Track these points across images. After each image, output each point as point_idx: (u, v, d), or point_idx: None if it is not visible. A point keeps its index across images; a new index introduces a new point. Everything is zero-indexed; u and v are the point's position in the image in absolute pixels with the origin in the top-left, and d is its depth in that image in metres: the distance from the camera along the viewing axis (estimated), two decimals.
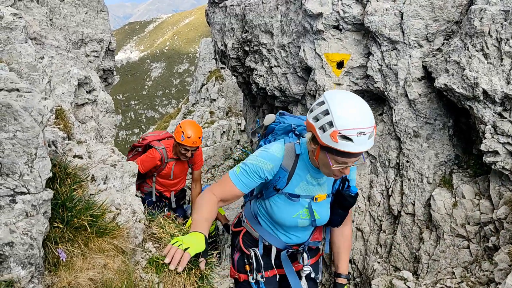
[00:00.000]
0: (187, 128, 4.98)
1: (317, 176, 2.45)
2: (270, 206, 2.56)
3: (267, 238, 2.72)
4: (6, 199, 1.50)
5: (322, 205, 2.57)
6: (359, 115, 2.06)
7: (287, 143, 2.43)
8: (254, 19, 6.58)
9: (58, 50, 3.59)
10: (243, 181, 2.34)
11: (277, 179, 2.41)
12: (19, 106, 1.52)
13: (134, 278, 1.84)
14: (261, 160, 2.34)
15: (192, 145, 4.99)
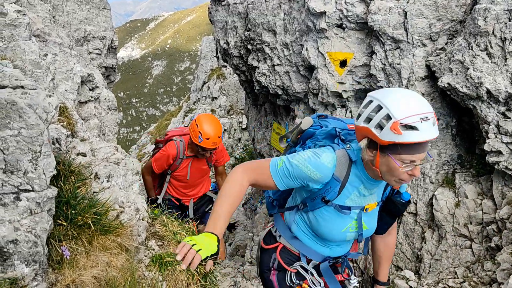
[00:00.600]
0: (205, 127, 4.17)
1: (372, 187, 2.21)
2: (315, 219, 2.29)
3: (306, 253, 2.45)
4: (11, 196, 1.50)
5: (371, 215, 2.34)
6: (416, 101, 1.87)
7: (337, 150, 2.15)
8: (257, 17, 6.57)
9: (61, 47, 3.59)
10: (282, 179, 2.13)
11: (327, 189, 2.16)
12: (23, 103, 1.52)
13: (137, 276, 1.84)
14: (309, 167, 2.08)
15: (211, 146, 4.23)
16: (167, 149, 4.43)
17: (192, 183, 4.77)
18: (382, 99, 1.90)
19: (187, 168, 4.59)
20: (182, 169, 4.57)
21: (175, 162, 4.47)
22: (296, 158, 2.11)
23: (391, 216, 2.39)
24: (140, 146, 26.82)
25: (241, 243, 8.71)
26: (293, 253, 2.48)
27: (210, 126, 4.21)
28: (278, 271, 2.50)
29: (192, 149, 4.49)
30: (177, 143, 4.44)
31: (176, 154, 4.43)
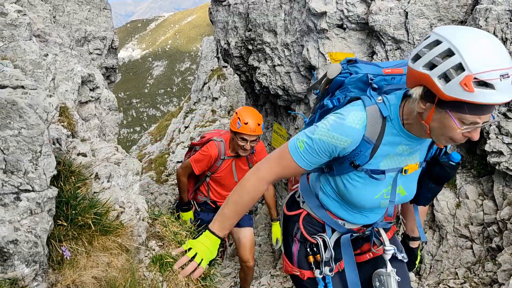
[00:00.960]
0: (244, 114, 4.04)
1: (413, 145, 1.85)
2: (343, 185, 1.96)
3: (331, 224, 2.14)
4: (11, 196, 1.49)
5: (412, 178, 1.98)
6: (499, 51, 1.46)
7: (368, 106, 1.78)
8: (258, 18, 6.57)
9: (61, 47, 3.59)
10: (307, 159, 1.83)
11: (357, 153, 1.82)
12: (24, 103, 1.51)
13: (137, 276, 1.83)
14: (335, 135, 1.75)
15: (250, 133, 3.96)
16: (209, 150, 4.18)
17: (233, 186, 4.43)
18: (456, 42, 1.49)
19: (228, 169, 4.32)
20: (222, 170, 4.31)
21: (215, 163, 4.23)
22: (318, 132, 1.80)
23: (437, 182, 2.02)
24: (141, 147, 26.84)
25: None
26: (318, 221, 2.18)
27: (249, 112, 4.08)
28: (300, 243, 2.22)
29: (233, 148, 4.21)
30: (218, 143, 4.21)
31: (217, 154, 4.19)
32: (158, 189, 16.39)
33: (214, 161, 4.19)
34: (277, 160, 1.90)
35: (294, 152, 1.84)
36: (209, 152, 4.15)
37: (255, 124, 3.98)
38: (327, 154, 1.82)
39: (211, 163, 4.20)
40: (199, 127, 20.92)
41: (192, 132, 20.79)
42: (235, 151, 4.17)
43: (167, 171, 18.31)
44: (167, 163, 19.03)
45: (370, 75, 1.88)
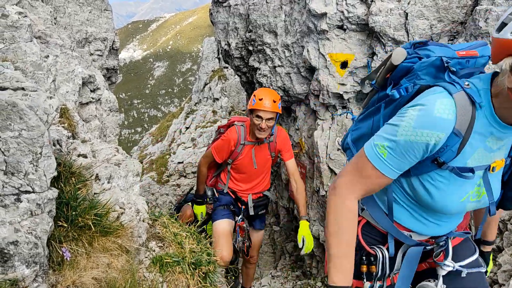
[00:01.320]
0: (259, 91, 3.87)
1: (503, 137, 1.59)
2: (422, 187, 1.68)
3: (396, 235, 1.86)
4: (11, 197, 1.50)
5: (497, 177, 1.72)
6: None
7: (455, 93, 1.52)
8: (258, 19, 6.57)
9: (62, 49, 3.60)
10: (393, 166, 1.58)
11: (443, 148, 1.55)
12: (24, 105, 1.52)
13: (138, 277, 1.84)
14: (424, 132, 1.49)
15: (264, 108, 3.73)
16: (228, 135, 4.01)
17: (253, 175, 4.26)
18: None
19: (248, 156, 4.09)
20: (243, 157, 4.09)
21: (236, 149, 4.01)
22: (401, 133, 1.54)
23: None
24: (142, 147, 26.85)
25: None
26: (379, 230, 1.92)
27: (265, 90, 3.93)
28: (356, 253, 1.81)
29: (253, 133, 3.98)
30: (238, 128, 4.02)
31: (237, 139, 3.99)
32: (159, 190, 16.39)
33: (234, 146, 4.00)
34: (355, 172, 1.64)
35: (376, 161, 1.58)
36: (228, 137, 3.99)
37: (270, 101, 3.76)
38: (417, 156, 1.56)
39: (231, 149, 4.02)
40: (200, 128, 20.93)
41: (193, 132, 20.81)
42: (256, 136, 3.95)
43: (168, 171, 18.31)
44: (168, 164, 19.04)
45: (444, 58, 1.65)
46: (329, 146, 5.67)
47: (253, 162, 4.08)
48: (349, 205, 1.62)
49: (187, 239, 2.30)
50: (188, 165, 17.74)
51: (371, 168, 1.59)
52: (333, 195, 1.65)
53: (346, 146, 2.14)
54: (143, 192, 15.40)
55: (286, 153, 4.20)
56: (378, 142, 1.59)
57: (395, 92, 1.72)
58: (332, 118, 5.89)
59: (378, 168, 1.58)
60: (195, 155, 18.14)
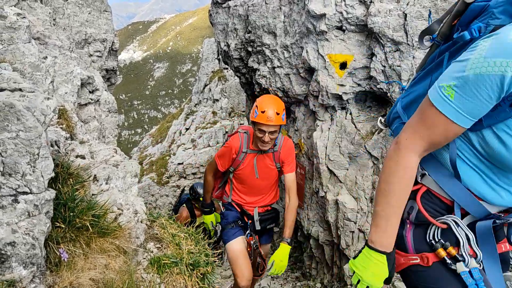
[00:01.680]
0: (262, 102, 3.63)
1: None
2: (497, 139, 1.35)
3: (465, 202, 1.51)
4: (9, 198, 1.50)
5: None
6: None
7: None
8: (257, 20, 6.58)
9: (61, 50, 3.60)
10: (463, 110, 1.31)
11: None
12: (22, 106, 1.52)
13: (135, 278, 1.84)
14: (497, 61, 1.22)
15: (267, 122, 3.52)
16: (231, 142, 3.86)
17: (257, 186, 4.02)
18: None
19: (250, 165, 3.88)
20: (245, 166, 3.88)
21: (238, 157, 3.84)
22: (470, 66, 1.28)
23: None
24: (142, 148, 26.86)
25: None
26: (443, 200, 1.57)
27: (269, 100, 3.64)
28: (415, 225, 1.62)
29: (255, 141, 3.80)
30: (241, 135, 3.85)
31: (239, 146, 3.80)
32: (159, 191, 16.40)
33: (236, 154, 3.82)
34: (418, 123, 1.42)
35: (442, 104, 1.33)
36: (231, 144, 3.82)
37: (273, 113, 3.52)
38: (491, 95, 1.27)
39: (233, 157, 3.84)
40: (200, 129, 20.94)
41: (193, 133, 20.81)
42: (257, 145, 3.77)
43: (168, 173, 18.32)
44: (168, 165, 19.04)
45: None
46: (328, 147, 5.67)
47: (254, 171, 3.88)
48: (406, 162, 1.43)
49: (185, 240, 2.30)
50: (188, 166, 17.74)
51: (436, 114, 1.35)
52: (392, 151, 1.48)
53: (394, 116, 1.87)
54: (143, 193, 15.41)
55: (287, 166, 3.95)
56: (444, 83, 1.34)
57: (466, 33, 1.44)
58: (332, 119, 5.89)
59: (444, 113, 1.33)
60: (195, 156, 18.15)
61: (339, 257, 6.14)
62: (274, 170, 3.95)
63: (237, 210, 4.04)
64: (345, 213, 5.72)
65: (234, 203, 4.04)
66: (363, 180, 5.62)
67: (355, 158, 5.63)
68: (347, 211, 5.69)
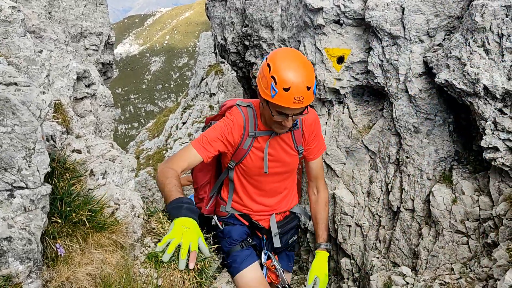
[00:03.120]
0: (282, 71, 2.21)
1: None
2: None
3: None
4: (4, 193, 1.49)
5: None
6: None
7: None
8: (254, 13, 6.55)
9: (57, 43, 3.57)
10: None
11: None
12: (17, 100, 1.51)
13: (132, 273, 1.83)
14: None
15: (293, 105, 2.24)
16: (233, 117, 2.52)
17: (271, 184, 2.72)
18: None
19: (262, 154, 2.56)
20: (254, 157, 2.57)
21: (242, 144, 2.51)
22: None
23: None
24: (138, 143, 26.81)
25: None
26: None
27: (291, 65, 2.22)
28: None
29: (264, 118, 2.52)
30: (243, 110, 2.54)
31: (243, 127, 2.50)
32: (155, 185, 16.39)
33: (240, 138, 2.50)
34: None
35: None
36: (234, 121, 2.50)
37: (303, 89, 2.19)
38: None
39: (233, 142, 2.52)
40: (196, 123, 20.90)
41: (190, 128, 20.78)
42: (268, 123, 2.51)
43: None
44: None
45: None
46: (325, 141, 5.67)
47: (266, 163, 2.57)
48: None
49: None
50: None
51: None
52: None
53: None
54: (140, 188, 15.39)
55: (314, 147, 2.73)
56: None
57: None
58: (329, 114, 5.88)
59: None
60: None
61: (336, 251, 6.15)
62: (294, 157, 2.67)
63: (242, 223, 2.77)
64: (342, 207, 5.73)
65: (238, 214, 2.77)
66: (360, 175, 5.62)
67: (352, 153, 5.64)
68: (344, 205, 5.71)
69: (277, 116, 2.33)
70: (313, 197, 2.90)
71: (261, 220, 2.79)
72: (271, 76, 2.23)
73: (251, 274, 2.60)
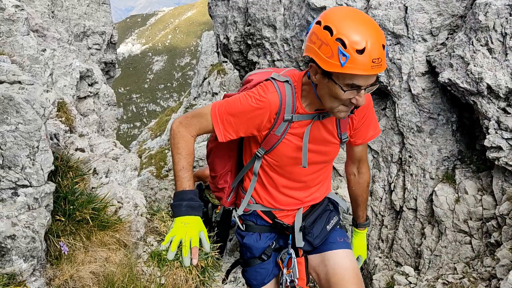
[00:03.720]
0: (350, 27, 1.72)
1: None
2: None
3: None
4: (8, 192, 1.49)
5: None
6: None
7: None
8: (257, 12, 6.54)
9: (60, 42, 3.58)
10: None
11: None
12: (21, 98, 1.51)
13: (135, 271, 1.84)
14: None
15: (371, 70, 1.71)
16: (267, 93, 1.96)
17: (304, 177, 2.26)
18: None
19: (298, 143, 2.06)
20: (288, 146, 2.07)
21: (274, 129, 2.01)
22: None
23: None
24: (141, 142, 26.83)
25: None
26: None
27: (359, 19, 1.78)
28: None
29: (311, 99, 1.99)
30: (280, 87, 2.00)
31: (278, 108, 1.98)
32: (158, 185, 16.40)
33: (271, 122, 2.00)
34: None
35: None
36: (267, 101, 1.95)
37: (379, 47, 1.74)
38: None
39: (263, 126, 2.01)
40: None
41: None
42: (315, 105, 2.00)
43: (167, 166, 18.30)
44: (167, 159, 19.02)
45: None
46: None
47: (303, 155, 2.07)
48: None
49: None
50: None
51: None
52: None
53: None
54: (142, 187, 15.41)
55: (362, 133, 2.24)
56: None
57: None
58: None
59: None
60: (195, 150, 18.12)
61: None
62: (335, 146, 2.23)
63: (267, 221, 2.35)
64: None
65: (261, 211, 2.32)
66: None
67: None
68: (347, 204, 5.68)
69: (349, 91, 1.79)
70: (353, 177, 2.52)
71: (286, 216, 2.34)
72: (336, 39, 1.73)
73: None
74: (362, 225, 2.56)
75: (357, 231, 2.56)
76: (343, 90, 1.78)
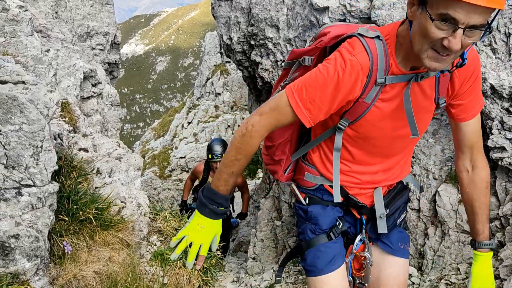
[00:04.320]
0: None
1: None
2: None
3: None
4: (12, 191, 1.50)
5: None
6: None
7: None
8: (260, 13, 6.55)
9: (63, 43, 3.59)
10: None
11: None
12: (25, 98, 1.52)
13: (139, 271, 1.84)
14: None
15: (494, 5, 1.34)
16: (353, 55, 1.60)
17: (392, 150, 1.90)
18: None
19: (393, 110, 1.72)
20: (380, 114, 1.72)
21: (363, 95, 1.66)
22: None
23: None
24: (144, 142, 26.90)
25: (244, 239, 8.73)
26: None
27: None
28: None
29: (405, 51, 1.60)
30: (370, 44, 1.60)
31: (368, 70, 1.61)
32: (161, 185, 16.45)
33: (361, 88, 1.64)
34: None
35: None
36: (354, 61, 1.59)
37: None
38: None
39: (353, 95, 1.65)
40: (202, 123, 20.93)
41: (195, 127, 20.82)
42: (410, 61, 1.63)
43: (170, 166, 18.36)
44: (170, 159, 19.07)
45: None
46: None
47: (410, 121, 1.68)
48: None
49: None
50: (190, 160, 17.76)
51: None
52: None
53: None
54: (145, 187, 15.46)
55: (468, 101, 1.82)
56: None
57: None
58: None
59: None
60: (197, 150, 18.16)
61: None
62: (430, 113, 1.84)
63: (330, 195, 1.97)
64: None
65: (329, 186, 1.96)
66: None
67: None
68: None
69: (440, 24, 1.37)
70: (465, 175, 2.04)
71: (361, 195, 1.98)
72: None
73: (336, 282, 1.91)
74: (484, 245, 1.88)
75: (478, 254, 1.88)
76: (432, 20, 1.37)
